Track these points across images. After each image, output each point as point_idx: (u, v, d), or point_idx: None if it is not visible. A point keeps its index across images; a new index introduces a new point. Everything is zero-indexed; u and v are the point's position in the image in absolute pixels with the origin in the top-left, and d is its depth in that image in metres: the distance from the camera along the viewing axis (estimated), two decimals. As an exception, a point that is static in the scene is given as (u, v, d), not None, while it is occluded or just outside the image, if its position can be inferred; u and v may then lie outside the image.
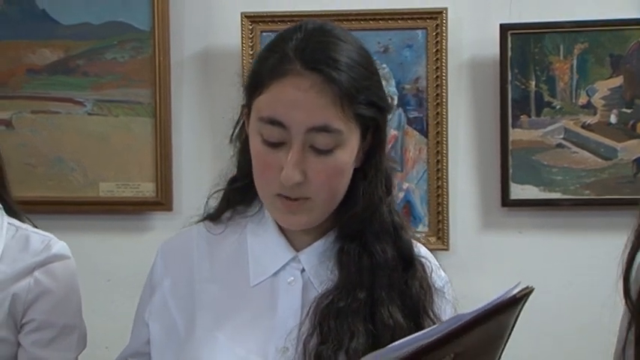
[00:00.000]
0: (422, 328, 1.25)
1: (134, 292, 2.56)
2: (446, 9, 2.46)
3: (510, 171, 2.46)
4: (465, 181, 2.53)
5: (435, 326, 1.02)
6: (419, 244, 1.37)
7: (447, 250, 2.48)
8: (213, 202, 1.43)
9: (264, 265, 1.32)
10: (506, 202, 2.48)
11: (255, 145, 1.25)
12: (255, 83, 1.25)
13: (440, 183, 2.49)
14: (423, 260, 1.33)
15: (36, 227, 1.66)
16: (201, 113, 2.60)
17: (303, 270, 1.31)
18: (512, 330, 1.03)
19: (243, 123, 1.34)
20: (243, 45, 2.50)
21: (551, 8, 2.47)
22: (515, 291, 1.00)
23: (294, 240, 1.33)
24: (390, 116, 1.31)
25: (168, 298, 1.35)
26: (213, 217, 1.40)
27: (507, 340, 1.05)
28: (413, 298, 1.28)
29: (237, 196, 1.38)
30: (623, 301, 1.40)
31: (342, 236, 1.31)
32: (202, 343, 1.28)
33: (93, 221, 2.61)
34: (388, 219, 1.30)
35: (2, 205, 1.64)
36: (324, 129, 1.20)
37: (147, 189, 2.58)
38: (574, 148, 2.45)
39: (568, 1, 2.48)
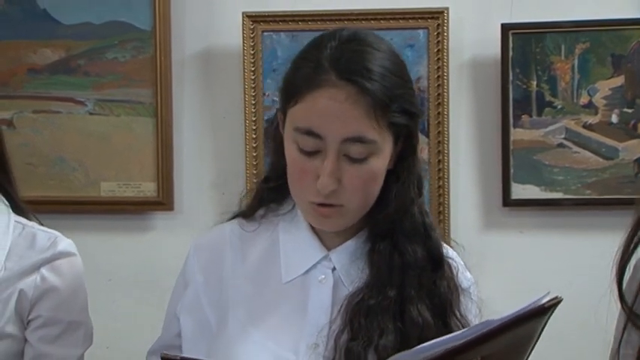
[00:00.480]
0: (449, 327, 1.29)
1: (135, 291, 2.59)
2: (447, 9, 2.46)
3: (511, 171, 2.47)
4: (466, 180, 2.53)
5: (463, 330, 1.05)
6: (446, 246, 1.40)
7: (448, 249, 2.48)
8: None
9: (296, 262, 1.35)
10: (508, 201, 2.48)
11: (291, 153, 1.28)
12: (290, 92, 1.27)
13: (441, 183, 2.49)
14: (450, 261, 1.37)
15: (42, 225, 1.67)
16: (203, 113, 2.60)
17: (334, 269, 1.34)
18: (539, 337, 1.05)
19: (277, 125, 1.36)
20: (245, 45, 2.50)
21: (552, 8, 2.47)
22: (544, 300, 1.04)
23: (326, 239, 1.36)
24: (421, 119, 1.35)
25: (200, 293, 1.38)
26: (247, 214, 1.43)
27: (534, 347, 1.07)
28: (441, 297, 1.31)
29: (271, 195, 1.41)
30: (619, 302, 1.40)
31: (373, 236, 1.34)
32: (235, 338, 1.31)
33: (94, 221, 2.61)
34: (419, 220, 1.34)
35: (9, 203, 1.66)
36: (359, 140, 1.23)
37: (148, 189, 2.58)
38: (575, 148, 2.45)
39: (569, 1, 2.48)
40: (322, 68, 1.23)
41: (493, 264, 2.50)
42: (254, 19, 2.51)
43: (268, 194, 1.41)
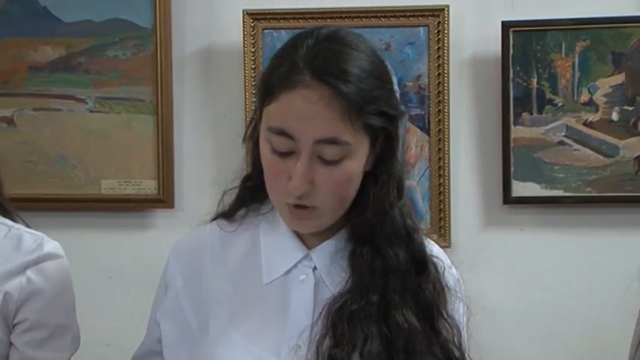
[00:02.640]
0: (437, 330, 1.27)
1: (136, 289, 2.59)
2: (447, 6, 2.45)
3: (512, 168, 2.46)
4: (466, 178, 2.53)
5: None
6: (431, 242, 1.38)
7: (448, 247, 2.47)
8: (226, 200, 1.44)
9: (277, 263, 1.33)
10: (508, 199, 2.48)
11: (265, 153, 1.26)
12: (266, 91, 1.25)
13: (441, 180, 2.49)
14: (435, 260, 1.34)
15: (29, 227, 1.65)
16: (203, 111, 2.60)
17: (315, 268, 1.32)
18: None
19: (257, 123, 1.34)
20: (245, 42, 2.50)
21: (552, 5, 2.47)
22: None
23: (306, 239, 1.34)
24: (401, 120, 1.31)
25: (181, 297, 1.36)
26: (228, 214, 1.41)
27: None
28: (427, 300, 1.29)
29: (252, 193, 1.39)
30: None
31: (354, 238, 1.31)
32: (217, 341, 1.30)
33: (94, 219, 2.62)
34: (400, 223, 1.30)
35: None
36: (332, 141, 1.21)
37: (148, 186, 2.58)
38: (576, 146, 2.45)
39: (570, -1, 2.48)
40: (297, 68, 1.21)
41: (493, 262, 2.50)
42: (254, 16, 2.50)
43: (249, 193, 1.39)
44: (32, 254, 1.57)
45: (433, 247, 1.37)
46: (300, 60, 1.21)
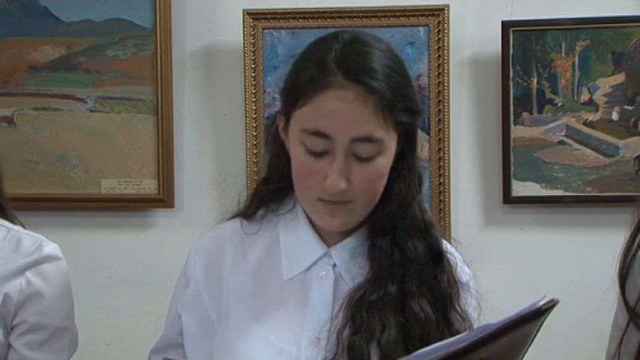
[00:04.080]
0: (450, 321, 1.31)
1: (136, 289, 2.60)
2: (448, 6, 2.46)
3: (512, 168, 2.46)
4: (466, 178, 2.53)
5: (462, 334, 1.06)
6: (445, 241, 1.42)
7: (448, 247, 2.48)
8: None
9: (297, 260, 1.36)
10: (508, 199, 2.48)
11: (299, 155, 1.29)
12: (295, 94, 1.28)
13: (441, 180, 2.49)
14: (449, 256, 1.39)
15: (25, 228, 1.65)
16: (203, 110, 2.60)
17: (334, 265, 1.35)
18: (534, 338, 1.09)
19: (277, 126, 1.37)
20: (245, 42, 2.50)
21: (552, 5, 2.47)
22: (540, 303, 1.04)
23: (326, 236, 1.37)
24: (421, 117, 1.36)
25: (202, 291, 1.39)
26: (248, 215, 1.44)
27: (529, 347, 1.11)
28: (442, 292, 1.33)
29: (271, 195, 1.42)
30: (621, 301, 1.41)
31: (373, 233, 1.35)
32: (237, 333, 1.32)
33: (95, 218, 2.62)
34: (419, 216, 1.36)
35: None
36: (368, 139, 1.25)
37: (149, 186, 2.58)
38: (576, 146, 2.45)
39: (570, -2, 2.48)
40: (329, 69, 1.24)
41: (493, 261, 2.50)
42: (254, 16, 2.51)
43: (268, 195, 1.42)
44: (31, 256, 1.57)
45: (447, 245, 1.42)
46: (331, 62, 1.25)
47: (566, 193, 2.46)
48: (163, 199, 2.57)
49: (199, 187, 2.57)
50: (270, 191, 1.42)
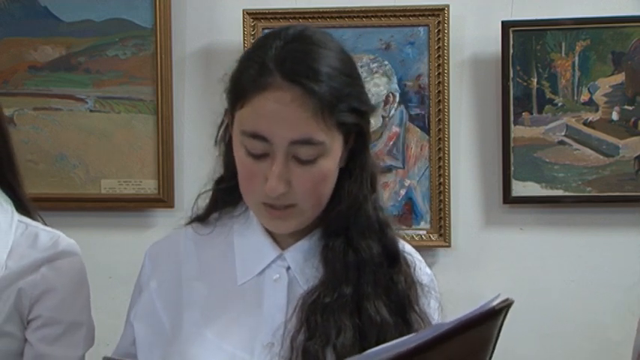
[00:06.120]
0: (409, 323, 1.27)
1: (136, 289, 2.59)
2: (448, 6, 2.46)
3: (512, 168, 2.46)
4: (466, 178, 2.53)
5: (413, 334, 1.02)
6: (403, 242, 1.38)
7: (448, 247, 2.48)
8: (201, 203, 1.44)
9: (251, 264, 1.33)
10: (508, 199, 2.48)
11: (240, 156, 1.26)
12: (237, 94, 1.25)
13: (442, 180, 2.49)
14: (407, 256, 1.34)
15: (46, 225, 1.66)
16: (203, 110, 2.60)
17: (288, 268, 1.32)
18: (496, 341, 1.03)
19: (227, 125, 1.34)
20: (245, 42, 2.50)
21: (552, 5, 2.47)
22: (494, 302, 0.99)
23: (280, 239, 1.34)
24: (373, 115, 1.32)
25: (155, 299, 1.37)
26: (202, 218, 1.41)
27: (492, 352, 1.05)
28: (399, 293, 1.29)
29: (225, 196, 1.39)
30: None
31: (326, 234, 1.32)
32: (190, 340, 1.30)
33: (95, 218, 2.62)
34: (373, 216, 1.31)
35: (15, 202, 1.64)
36: (307, 142, 1.21)
37: (149, 186, 2.58)
38: (576, 145, 2.45)
39: (570, -2, 2.48)
40: (267, 70, 1.21)
41: (493, 261, 2.50)
42: (254, 16, 2.51)
43: (222, 196, 1.40)
44: (47, 251, 1.58)
45: (405, 245, 1.37)
46: (270, 61, 1.21)
47: (566, 193, 2.46)
48: (163, 199, 2.57)
49: (199, 187, 2.57)
50: (222, 191, 1.39)
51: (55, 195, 2.60)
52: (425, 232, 2.48)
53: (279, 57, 1.21)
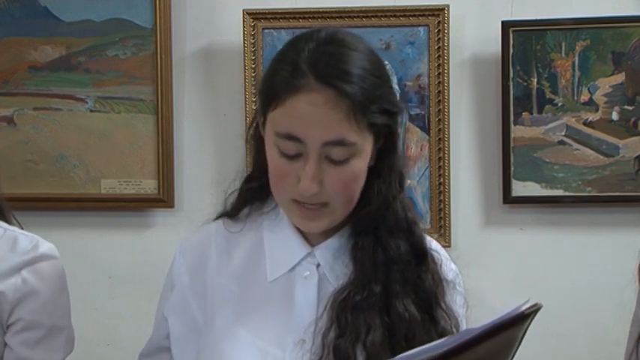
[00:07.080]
0: (435, 320, 1.30)
1: (136, 289, 2.59)
2: (448, 6, 2.46)
3: (512, 168, 2.47)
4: (466, 178, 2.53)
5: (444, 339, 1.05)
6: (429, 238, 1.40)
7: (448, 247, 2.48)
8: (222, 200, 1.45)
9: (281, 260, 1.35)
10: (508, 199, 2.48)
11: (273, 156, 1.28)
12: (269, 96, 1.26)
13: (442, 180, 2.49)
14: (434, 253, 1.37)
15: (22, 229, 1.65)
16: (203, 110, 2.60)
17: (318, 265, 1.34)
18: (520, 343, 1.06)
19: (257, 124, 1.35)
20: (245, 42, 2.50)
21: (552, 5, 2.47)
22: (523, 307, 1.01)
23: (309, 236, 1.36)
24: (401, 115, 1.34)
25: (187, 294, 1.38)
26: (232, 214, 1.42)
27: (515, 353, 1.08)
28: (426, 291, 1.31)
29: (254, 193, 1.41)
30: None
31: (356, 232, 1.34)
32: (223, 336, 1.32)
33: (94, 218, 2.62)
34: (401, 215, 1.34)
35: None
36: (340, 143, 1.23)
37: (149, 186, 2.58)
38: (576, 145, 2.45)
39: (569, -2, 2.49)
40: (300, 72, 1.22)
41: (493, 261, 2.50)
42: (254, 16, 2.51)
43: (252, 193, 1.41)
44: (27, 255, 1.58)
45: (432, 242, 1.40)
46: (303, 63, 1.23)
47: (566, 193, 2.46)
48: (163, 199, 2.57)
49: (199, 187, 2.57)
50: (252, 189, 1.41)
51: (55, 195, 2.60)
52: (425, 232, 2.48)
53: (312, 59, 1.23)
